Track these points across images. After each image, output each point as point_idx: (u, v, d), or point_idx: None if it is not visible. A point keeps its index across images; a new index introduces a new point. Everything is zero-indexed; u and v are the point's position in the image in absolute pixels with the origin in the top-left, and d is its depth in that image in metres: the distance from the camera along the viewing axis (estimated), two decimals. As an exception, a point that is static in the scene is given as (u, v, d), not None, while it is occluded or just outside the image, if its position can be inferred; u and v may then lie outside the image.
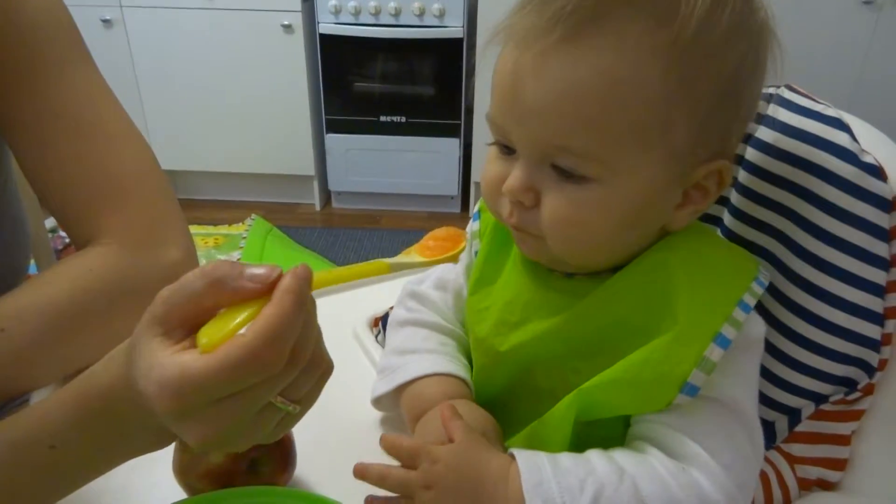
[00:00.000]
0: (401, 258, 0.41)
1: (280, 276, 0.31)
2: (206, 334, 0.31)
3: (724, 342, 0.37)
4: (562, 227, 0.40)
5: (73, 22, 0.58)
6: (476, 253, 0.53)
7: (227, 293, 0.31)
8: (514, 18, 0.40)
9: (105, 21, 2.27)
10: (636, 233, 0.42)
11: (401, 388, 0.49)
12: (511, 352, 0.45)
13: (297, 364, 0.32)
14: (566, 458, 0.39)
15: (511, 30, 0.39)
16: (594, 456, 0.39)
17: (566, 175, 0.39)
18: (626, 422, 0.43)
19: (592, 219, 0.39)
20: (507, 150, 0.42)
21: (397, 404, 0.51)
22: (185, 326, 0.32)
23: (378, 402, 0.52)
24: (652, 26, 0.36)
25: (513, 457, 0.39)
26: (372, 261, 0.40)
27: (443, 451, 0.40)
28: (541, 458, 0.39)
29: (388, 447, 0.42)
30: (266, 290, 0.30)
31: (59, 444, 0.37)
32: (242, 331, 0.29)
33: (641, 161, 0.38)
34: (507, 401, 0.47)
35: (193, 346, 0.31)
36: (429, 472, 0.39)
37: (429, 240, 0.42)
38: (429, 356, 0.50)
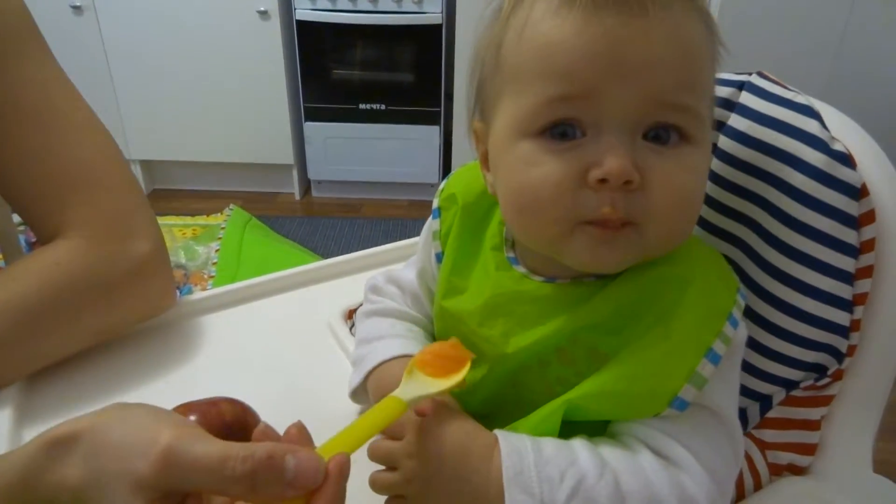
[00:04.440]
0: (412, 385, 0.38)
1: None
2: None
3: (715, 358, 0.37)
4: (678, 198, 0.37)
5: (26, 12, 0.56)
6: (437, 256, 0.51)
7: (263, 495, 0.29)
8: None
9: (75, 7, 2.21)
10: None
11: (369, 375, 0.49)
12: (494, 363, 0.44)
13: None
14: (550, 446, 0.38)
15: None
16: (579, 446, 0.38)
17: (657, 141, 0.36)
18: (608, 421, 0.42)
19: (700, 183, 0.39)
20: (561, 135, 0.37)
21: (373, 395, 0.50)
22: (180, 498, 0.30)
23: (355, 395, 0.51)
24: (698, 14, 0.38)
25: (496, 438, 0.38)
26: (385, 399, 0.37)
27: (429, 422, 0.39)
28: (524, 443, 0.38)
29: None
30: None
31: None
32: None
33: (709, 124, 0.39)
34: (491, 414, 0.45)
35: None
36: (413, 443, 0.39)
37: (426, 355, 0.39)
38: (395, 340, 0.49)
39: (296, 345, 0.64)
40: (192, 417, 0.42)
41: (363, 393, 0.50)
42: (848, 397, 0.47)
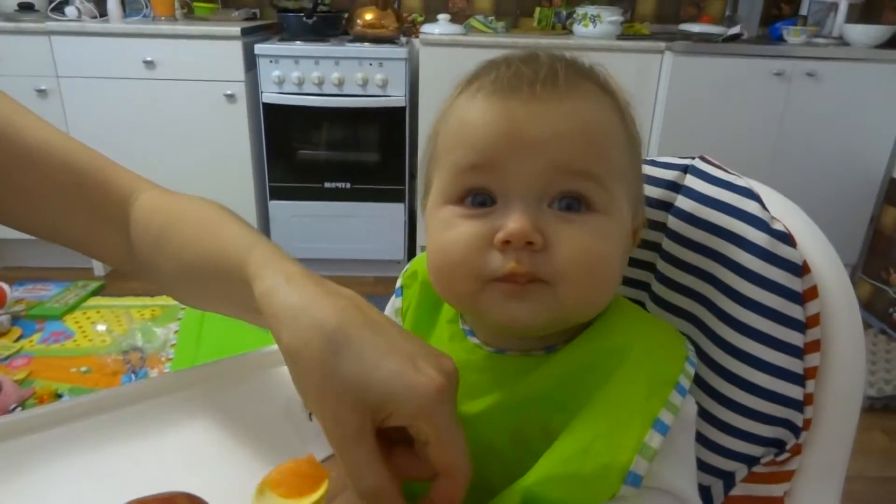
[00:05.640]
0: None
1: None
2: None
3: (662, 428, 0.37)
4: (585, 259, 0.38)
5: None
6: None
7: None
8: (493, 80, 0.40)
9: (40, 91, 2.24)
10: (620, 278, 0.43)
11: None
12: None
13: None
14: None
15: (496, 86, 0.40)
16: None
17: (568, 210, 0.39)
18: None
19: (609, 247, 0.40)
20: (479, 204, 0.40)
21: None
22: None
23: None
24: (606, 95, 0.42)
25: None
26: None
27: None
28: None
29: None
30: None
31: None
32: None
33: (622, 201, 0.41)
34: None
35: None
36: None
37: (279, 474, 0.37)
38: None
39: (253, 431, 0.61)
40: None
41: None
42: (808, 472, 0.47)
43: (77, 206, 0.56)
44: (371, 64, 2.29)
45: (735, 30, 2.46)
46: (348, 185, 2.46)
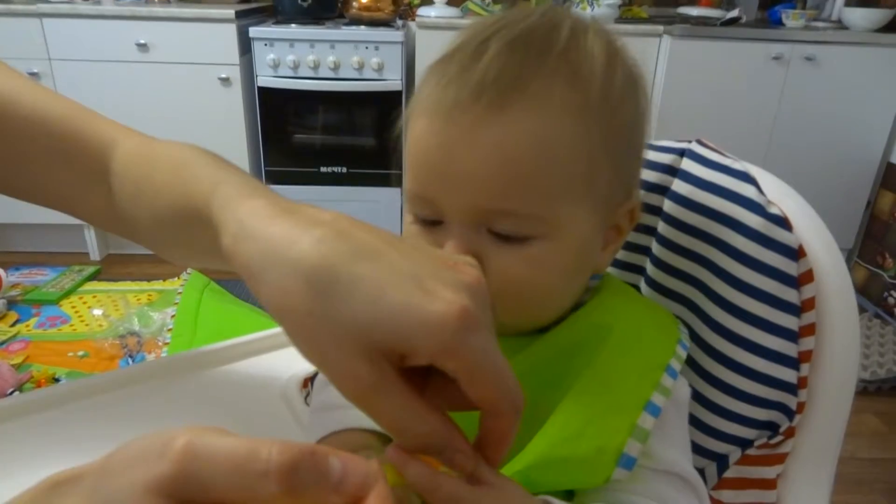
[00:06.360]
0: None
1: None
2: None
3: (654, 410, 0.38)
4: (513, 287, 0.39)
5: None
6: None
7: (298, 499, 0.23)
8: (430, 92, 0.40)
9: (32, 74, 2.21)
10: (577, 282, 0.43)
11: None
12: None
13: None
14: None
15: (430, 104, 0.39)
16: None
17: (506, 237, 0.39)
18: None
19: (541, 275, 0.39)
20: (432, 223, 0.41)
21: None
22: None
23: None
24: (567, 89, 0.38)
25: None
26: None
27: (481, 496, 0.32)
28: None
29: (426, 481, 0.29)
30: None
31: None
32: None
33: (575, 212, 0.39)
34: None
35: None
36: None
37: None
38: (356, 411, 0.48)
39: (249, 415, 0.62)
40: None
41: None
42: (801, 454, 0.48)
43: (53, 159, 0.51)
44: (367, 47, 2.27)
45: (734, 13, 2.44)
46: (344, 170, 2.45)
